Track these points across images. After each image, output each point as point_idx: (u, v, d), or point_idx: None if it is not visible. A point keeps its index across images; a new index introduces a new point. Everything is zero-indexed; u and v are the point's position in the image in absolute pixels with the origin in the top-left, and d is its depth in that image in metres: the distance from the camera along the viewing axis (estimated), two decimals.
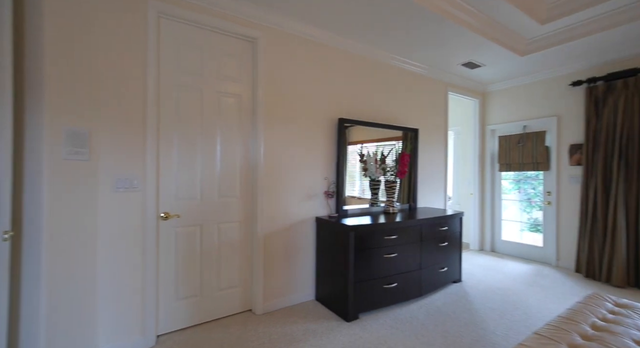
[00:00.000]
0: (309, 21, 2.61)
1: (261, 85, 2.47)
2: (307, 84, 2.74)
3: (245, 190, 2.49)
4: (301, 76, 2.71)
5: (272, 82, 2.54)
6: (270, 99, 2.54)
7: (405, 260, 2.67)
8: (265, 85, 2.50)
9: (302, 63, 2.71)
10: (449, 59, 3.43)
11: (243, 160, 2.48)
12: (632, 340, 1.40)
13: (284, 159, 2.61)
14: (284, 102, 2.61)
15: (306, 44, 2.74)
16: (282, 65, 2.59)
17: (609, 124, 3.22)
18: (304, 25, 2.65)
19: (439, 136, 3.94)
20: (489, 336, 2.18)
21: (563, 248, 3.73)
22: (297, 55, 2.68)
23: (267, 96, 2.52)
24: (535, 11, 2.75)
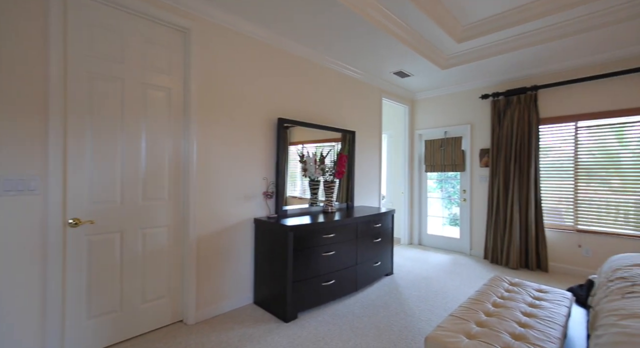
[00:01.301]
0: (249, 17, 2.53)
1: (194, 79, 2.31)
2: (246, 82, 2.65)
3: (175, 192, 2.30)
4: (240, 73, 2.61)
5: (208, 78, 2.40)
6: (205, 95, 2.39)
7: (343, 257, 2.78)
8: (199, 80, 2.35)
9: (241, 60, 2.61)
10: (383, 67, 3.69)
11: (173, 159, 2.29)
12: (520, 312, 1.69)
13: (219, 158, 2.49)
14: (221, 99, 2.49)
15: (246, 41, 2.66)
16: (219, 61, 2.47)
17: (508, 132, 3.83)
18: (243, 21, 2.56)
19: (374, 139, 4.20)
20: (416, 322, 2.40)
21: (475, 239, 4.31)
22: (236, 52, 2.58)
23: (201, 92, 2.36)
24: (453, 31, 3.12)
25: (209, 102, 2.42)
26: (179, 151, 2.32)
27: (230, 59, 2.54)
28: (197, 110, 2.34)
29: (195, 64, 2.32)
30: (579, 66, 3.43)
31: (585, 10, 2.60)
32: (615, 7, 2.53)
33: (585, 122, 3.47)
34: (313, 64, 3.30)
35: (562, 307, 1.77)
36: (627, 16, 2.55)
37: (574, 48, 3.11)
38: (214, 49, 2.44)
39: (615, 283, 1.47)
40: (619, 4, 2.50)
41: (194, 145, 2.32)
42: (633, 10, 2.51)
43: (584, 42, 2.96)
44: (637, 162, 3.19)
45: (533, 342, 1.40)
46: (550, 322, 1.59)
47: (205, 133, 2.40)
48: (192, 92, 2.30)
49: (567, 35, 2.85)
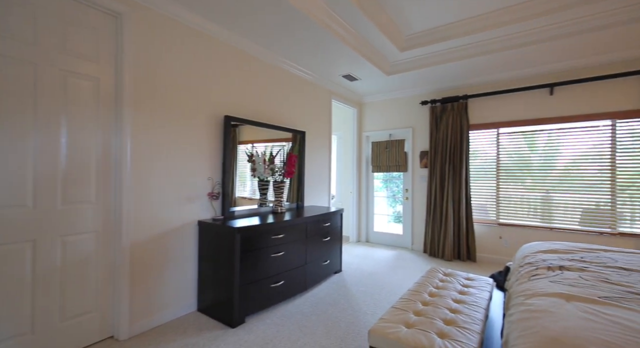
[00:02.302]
0: (194, 9, 2.38)
1: (129, 70, 2.10)
2: (190, 76, 2.49)
3: (104, 193, 2.06)
4: (184, 67, 2.44)
5: (146, 69, 2.20)
6: (142, 88, 2.19)
7: (292, 258, 2.77)
8: (134, 71, 2.14)
9: (185, 54, 2.45)
10: (332, 70, 3.77)
11: (103, 156, 2.05)
12: (452, 299, 1.86)
13: (158, 156, 2.30)
14: (161, 93, 2.30)
15: (192, 35, 2.50)
16: (160, 52, 2.27)
17: (444, 136, 4.21)
18: (189, 12, 2.40)
19: (324, 139, 4.28)
20: (362, 316, 2.49)
21: (416, 234, 4.64)
22: (181, 45, 2.41)
23: (138, 84, 2.16)
24: (396, 40, 3.32)
25: (147, 96, 2.22)
26: (109, 148, 2.08)
27: (173, 52, 2.36)
28: (132, 103, 2.13)
29: (130, 53, 2.10)
30: (500, 80, 3.91)
31: (504, 32, 2.98)
32: (529, 31, 2.94)
33: (505, 129, 3.98)
34: (264, 63, 3.24)
35: (485, 292, 2.00)
36: (538, 39, 2.98)
37: (496, 64, 3.53)
38: (154, 39, 2.24)
39: (524, 268, 1.71)
40: (532, 29, 2.91)
41: (128, 141, 2.10)
42: (542, 35, 2.94)
43: (504, 59, 3.38)
44: (543, 164, 3.75)
45: (461, 325, 1.56)
46: (475, 306, 1.78)
47: (142, 128, 2.19)
48: (125, 83, 2.08)
49: (491, 51, 3.23)
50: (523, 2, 2.69)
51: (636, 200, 3.25)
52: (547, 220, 3.72)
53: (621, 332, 0.94)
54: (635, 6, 2.50)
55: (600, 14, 2.64)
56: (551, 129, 3.69)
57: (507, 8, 2.77)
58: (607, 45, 3.03)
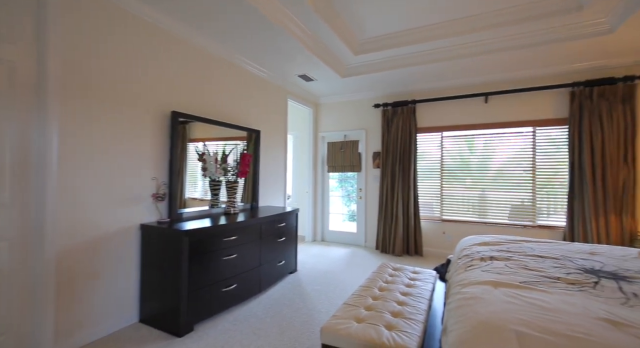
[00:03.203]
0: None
1: (55, 54, 1.85)
2: (131, 66, 2.28)
3: (22, 195, 1.79)
4: (124, 56, 2.23)
5: (76, 55, 1.96)
6: (73, 76, 1.95)
7: (245, 260, 2.70)
8: (62, 56, 1.89)
9: (126, 41, 2.23)
10: (289, 69, 3.75)
11: (18, 152, 1.78)
12: (399, 292, 1.97)
13: (93, 153, 2.07)
14: (96, 83, 2.07)
15: (136, 23, 2.29)
16: (94, 36, 2.04)
17: (394, 138, 4.43)
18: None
19: (280, 139, 4.23)
20: (316, 315, 2.52)
21: (369, 232, 4.83)
22: (122, 33, 2.20)
23: (67, 71, 1.91)
24: (351, 43, 3.42)
25: (79, 85, 1.98)
26: (28, 142, 1.81)
27: (112, 38, 2.14)
28: (59, 93, 1.88)
29: (56, 34, 1.86)
30: (444, 87, 4.24)
31: (447, 43, 3.23)
32: (468, 43, 3.24)
33: (448, 132, 4.32)
34: (218, 58, 3.11)
35: (429, 284, 2.15)
36: (475, 52, 3.29)
37: (441, 72, 3.82)
38: (88, 21, 2.01)
39: (461, 260, 1.87)
40: (470, 42, 3.20)
41: (54, 136, 1.86)
42: (479, 48, 3.25)
43: (446, 68, 3.67)
44: (480, 165, 4.16)
45: (407, 317, 1.66)
46: (420, 298, 1.90)
47: (72, 122, 1.95)
48: (49, 69, 1.83)
49: (436, 60, 3.48)
50: (464, 18, 2.95)
51: (551, 197, 3.77)
52: (483, 215, 4.13)
53: (534, 310, 1.09)
54: (550, 29, 2.89)
55: (524, 34, 3.00)
56: (486, 134, 4.10)
57: (450, 21, 3.01)
58: (530, 62, 3.46)
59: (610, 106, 3.28)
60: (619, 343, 0.88)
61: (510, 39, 3.09)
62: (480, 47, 3.24)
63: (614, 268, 1.59)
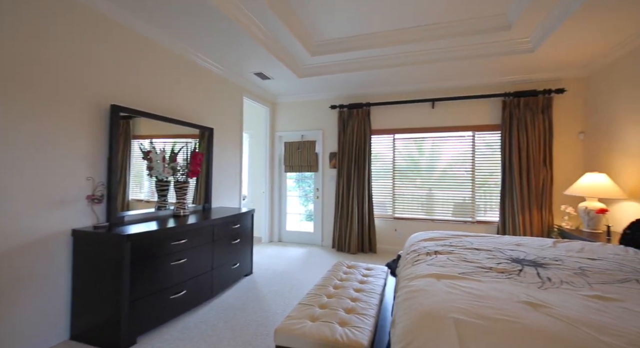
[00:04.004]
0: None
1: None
2: (67, 54, 2.03)
3: None
4: (52, 41, 1.97)
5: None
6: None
7: (196, 264, 2.56)
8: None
9: (52, 24, 1.97)
10: (243, 66, 3.65)
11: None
12: (353, 289, 2.03)
13: (9, 149, 1.80)
14: (19, 67, 1.80)
15: (72, 7, 2.04)
16: (18, 18, 1.77)
17: (350, 139, 4.56)
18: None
19: (235, 137, 4.10)
20: (272, 317, 2.48)
21: (325, 231, 4.90)
22: (53, 15, 1.93)
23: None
24: (308, 44, 3.44)
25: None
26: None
27: (34, 22, 1.88)
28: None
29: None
30: (396, 91, 4.47)
31: (398, 50, 3.42)
32: (417, 52, 3.45)
33: (399, 135, 4.56)
34: (168, 51, 2.91)
35: (380, 279, 2.25)
36: (423, 60, 3.52)
37: (392, 77, 4.02)
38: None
39: (410, 255, 1.99)
40: (419, 50, 3.42)
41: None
42: (426, 57, 3.49)
43: (398, 73, 3.88)
44: (428, 166, 4.46)
45: (360, 312, 1.72)
46: (372, 293, 1.98)
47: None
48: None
49: (388, 66, 3.66)
50: (411, 28, 3.14)
51: (487, 195, 4.19)
52: (430, 213, 4.44)
53: (470, 299, 1.20)
54: (485, 44, 3.21)
55: (463, 47, 3.29)
56: (434, 137, 4.42)
57: (399, 30, 3.19)
58: (470, 73, 3.81)
59: (533, 115, 3.75)
60: (534, 322, 1.01)
61: (451, 51, 3.37)
62: (426, 56, 3.48)
63: (534, 257, 1.82)
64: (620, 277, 1.46)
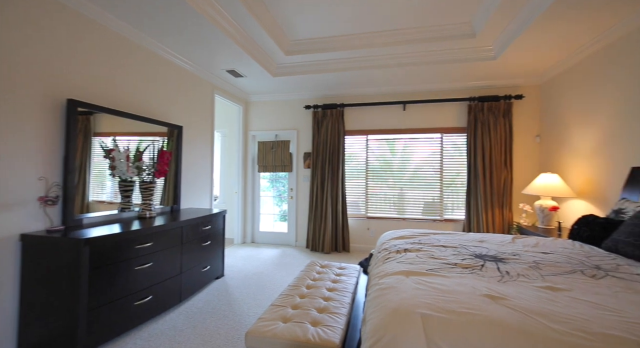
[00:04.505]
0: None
1: None
2: (17, 44, 1.85)
3: None
4: (6, 29, 1.79)
5: None
6: None
7: (164, 268, 2.45)
8: None
9: (11, 14, 1.80)
10: (215, 63, 3.54)
11: None
12: (326, 288, 2.05)
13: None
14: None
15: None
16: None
17: (324, 139, 4.59)
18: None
19: (206, 136, 3.97)
20: (244, 320, 2.43)
21: (299, 231, 4.89)
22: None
23: None
24: (282, 43, 3.41)
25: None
26: None
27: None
28: None
29: None
30: (369, 93, 4.56)
31: (371, 53, 3.49)
32: (389, 55, 3.54)
33: (372, 136, 4.66)
34: (136, 45, 2.78)
35: (353, 278, 2.28)
36: (395, 64, 3.62)
37: (366, 79, 4.10)
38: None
39: (381, 254, 2.04)
40: (391, 54, 3.51)
41: None
42: (397, 61, 3.59)
43: (371, 76, 3.96)
44: (400, 166, 4.59)
45: (332, 311, 1.73)
46: (344, 292, 2.01)
47: None
48: None
49: (361, 68, 3.72)
50: (382, 31, 3.22)
51: (454, 195, 4.39)
52: (401, 212, 4.58)
53: (436, 294, 1.25)
54: (451, 51, 3.37)
55: (431, 52, 3.43)
56: (405, 138, 4.56)
57: (373, 33, 3.25)
58: (438, 77, 3.98)
59: (495, 119, 3.99)
60: (493, 314, 1.07)
61: (420, 56, 3.50)
62: (396, 59, 3.58)
63: (495, 253, 1.94)
64: (568, 269, 1.60)
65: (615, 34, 2.62)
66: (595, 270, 1.58)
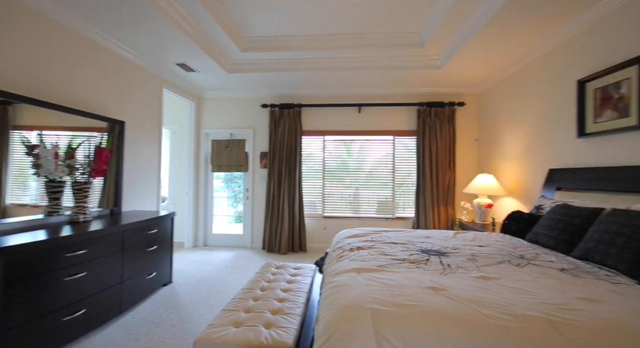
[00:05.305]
0: None
1: None
2: None
3: None
4: None
5: None
6: None
7: (100, 277, 2.22)
8: None
9: None
10: (164, 55, 3.31)
11: None
12: (280, 289, 2.03)
13: None
14: None
15: None
16: None
17: (281, 139, 4.55)
18: None
19: (153, 133, 3.69)
20: (194, 328, 2.30)
21: (256, 232, 4.78)
22: None
23: None
24: (237, 39, 3.30)
25: None
26: None
27: None
28: None
29: None
30: (326, 94, 4.63)
31: (327, 55, 3.54)
32: (344, 58, 3.63)
33: (329, 137, 4.73)
34: (70, 30, 2.49)
35: (308, 278, 2.29)
36: (349, 67, 3.72)
37: (322, 80, 4.15)
38: None
39: (335, 252, 2.08)
40: (346, 57, 3.60)
41: None
42: (352, 64, 3.69)
43: (327, 77, 4.02)
44: (356, 167, 4.73)
45: (286, 312, 1.71)
46: (299, 292, 2.00)
47: None
48: None
49: (318, 69, 3.76)
50: (340, 34, 3.29)
51: (405, 194, 4.65)
52: (357, 211, 4.72)
53: (385, 289, 1.31)
54: (402, 58, 3.57)
55: (383, 58, 3.60)
56: (361, 139, 4.71)
57: (329, 35, 3.31)
58: (391, 82, 4.18)
59: (441, 124, 4.31)
60: (435, 304, 1.16)
61: (373, 61, 3.65)
62: (351, 63, 3.69)
63: (439, 247, 2.09)
64: (499, 260, 1.78)
65: (539, 51, 2.99)
66: (520, 260, 1.79)
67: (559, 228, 2.08)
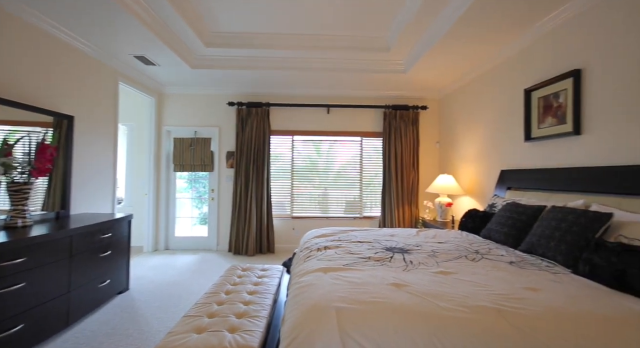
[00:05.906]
0: None
1: None
2: None
3: None
4: None
5: None
6: None
7: (43, 287, 2.01)
8: None
9: None
10: (120, 46, 3.08)
11: None
12: (246, 292, 1.98)
13: None
14: None
15: None
16: None
17: (249, 138, 4.45)
18: None
19: (107, 129, 3.42)
20: (153, 337, 2.17)
21: (221, 234, 4.63)
22: None
23: None
24: (202, 33, 3.18)
25: None
26: None
27: None
28: None
29: None
30: (295, 94, 4.61)
31: (296, 55, 3.53)
32: (312, 58, 3.64)
33: (298, 136, 4.72)
34: (13, 18, 2.22)
35: (275, 279, 2.26)
36: (318, 68, 3.74)
37: (290, 80, 4.13)
38: None
39: (302, 253, 2.08)
40: (315, 58, 3.61)
41: None
42: (320, 65, 3.71)
43: (296, 77, 4.01)
44: (324, 167, 4.76)
45: (252, 315, 1.68)
46: (266, 294, 1.97)
47: None
48: None
49: (285, 68, 3.74)
50: (308, 34, 3.29)
51: (372, 194, 4.77)
52: (325, 211, 4.75)
53: (350, 287, 1.33)
54: (368, 61, 3.66)
55: (350, 60, 3.67)
56: (329, 140, 4.75)
57: (296, 34, 3.30)
58: (358, 84, 4.27)
59: (406, 126, 4.49)
60: (397, 300, 1.20)
61: (340, 63, 3.70)
62: (319, 63, 3.72)
63: (403, 245, 2.18)
64: (456, 255, 1.90)
65: (494, 61, 3.23)
66: (475, 255, 1.91)
67: (508, 224, 2.25)
